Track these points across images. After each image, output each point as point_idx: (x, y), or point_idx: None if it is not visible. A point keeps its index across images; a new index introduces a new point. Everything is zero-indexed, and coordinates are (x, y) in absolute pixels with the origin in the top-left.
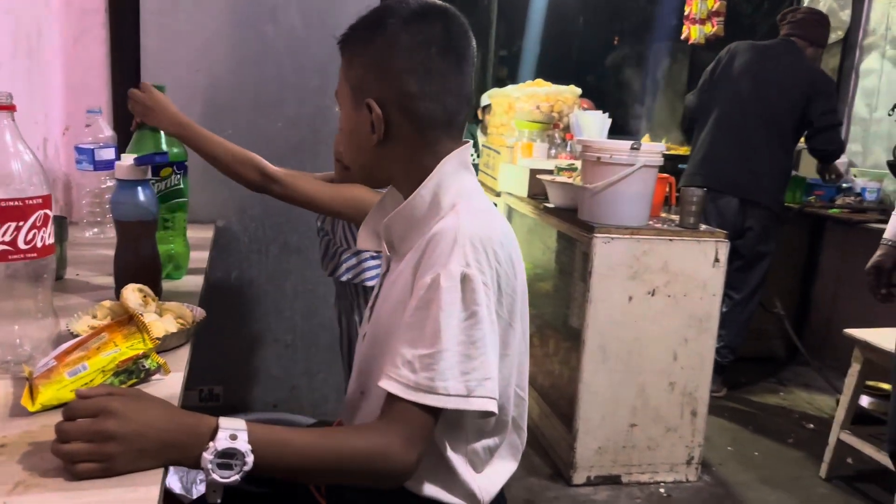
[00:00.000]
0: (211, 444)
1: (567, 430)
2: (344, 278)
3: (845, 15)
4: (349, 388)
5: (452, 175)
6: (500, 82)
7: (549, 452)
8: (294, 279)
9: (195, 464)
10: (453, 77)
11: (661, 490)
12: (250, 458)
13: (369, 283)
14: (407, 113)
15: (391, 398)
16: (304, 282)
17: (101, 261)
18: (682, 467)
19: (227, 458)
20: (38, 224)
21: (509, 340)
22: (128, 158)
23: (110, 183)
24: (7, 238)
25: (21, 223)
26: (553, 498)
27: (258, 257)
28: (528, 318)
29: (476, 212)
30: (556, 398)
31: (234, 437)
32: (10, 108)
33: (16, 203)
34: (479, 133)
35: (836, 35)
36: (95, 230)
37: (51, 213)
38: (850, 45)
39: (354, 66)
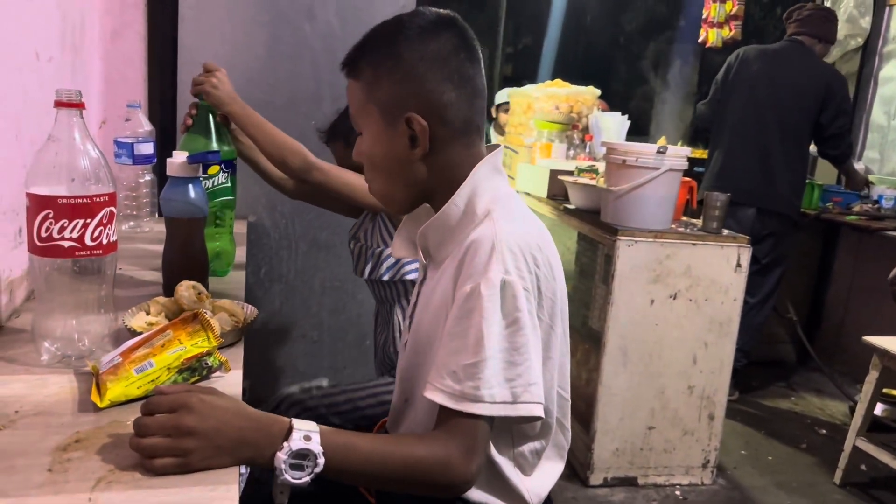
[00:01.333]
0: (285, 444)
1: (585, 432)
2: (385, 277)
3: (865, 22)
4: (394, 396)
5: (486, 180)
6: (507, 80)
7: None
8: (322, 275)
9: (268, 463)
10: (479, 80)
11: (678, 493)
12: (322, 461)
13: (409, 277)
14: (446, 121)
15: (443, 409)
16: (331, 278)
17: (141, 255)
18: (698, 470)
19: (301, 458)
20: (104, 221)
21: (551, 343)
22: (179, 155)
23: (148, 177)
24: (75, 235)
25: (89, 220)
26: (570, 499)
27: (287, 253)
28: (568, 318)
29: (512, 217)
30: (574, 399)
31: (307, 439)
32: (79, 106)
33: (84, 200)
34: (492, 131)
35: (855, 42)
36: (132, 223)
37: (115, 211)
38: (870, 53)
39: (382, 86)
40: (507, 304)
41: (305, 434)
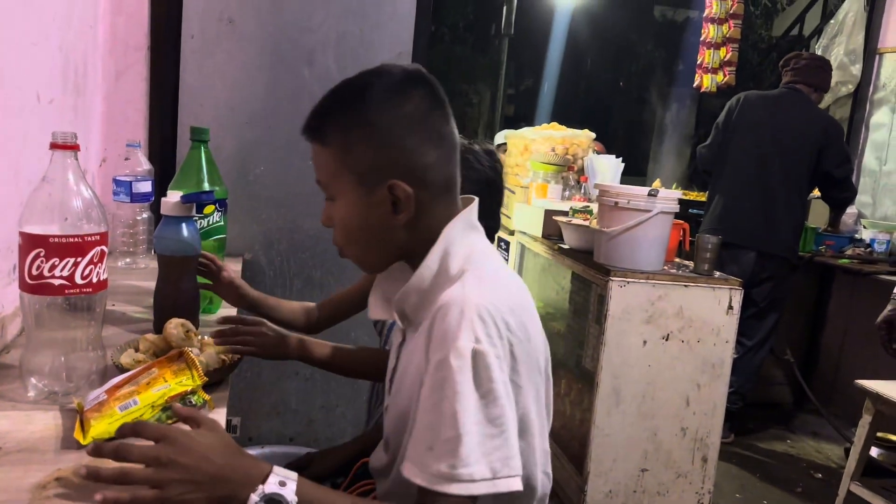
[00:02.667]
0: (260, 486)
1: (578, 472)
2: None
3: (856, 69)
4: (377, 455)
5: (460, 238)
6: (508, 120)
7: (558, 493)
8: None
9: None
10: (454, 134)
11: None
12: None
13: None
14: (428, 184)
15: (422, 488)
16: None
17: (135, 291)
18: None
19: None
20: (94, 260)
21: (529, 404)
22: (174, 195)
23: (145, 215)
24: (65, 273)
25: (79, 259)
26: None
27: (282, 291)
28: (551, 380)
29: (483, 279)
30: (567, 439)
31: (283, 484)
32: (74, 148)
33: (75, 240)
34: None
35: (846, 89)
36: (128, 260)
37: (107, 249)
38: (861, 99)
39: (356, 152)
40: (479, 375)
41: (281, 480)
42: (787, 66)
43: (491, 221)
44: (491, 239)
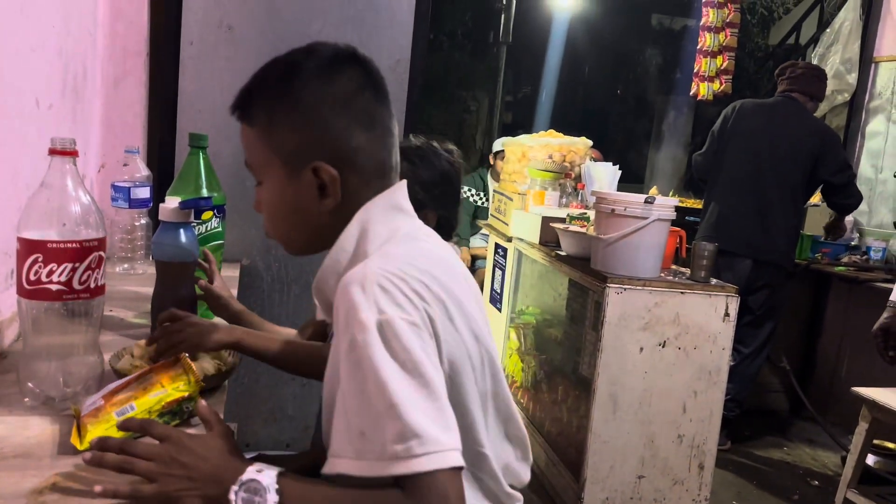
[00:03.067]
0: (239, 478)
1: (574, 479)
2: None
3: (852, 78)
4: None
5: (380, 219)
6: (506, 127)
7: (555, 501)
8: None
9: (226, 499)
10: (388, 117)
11: None
12: (272, 497)
13: None
14: (357, 167)
15: (373, 480)
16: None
17: (133, 297)
18: None
19: (252, 493)
20: (92, 266)
21: (459, 401)
22: (172, 201)
23: (143, 221)
24: (63, 278)
25: (77, 264)
26: None
27: (280, 296)
28: (497, 372)
29: (394, 254)
30: (564, 446)
31: (259, 471)
32: (73, 154)
33: (73, 245)
34: (489, 178)
35: (842, 97)
36: (126, 266)
37: (105, 255)
38: (857, 108)
39: (280, 132)
40: (391, 345)
41: (259, 468)
42: (783, 74)
43: (446, 212)
44: (449, 233)
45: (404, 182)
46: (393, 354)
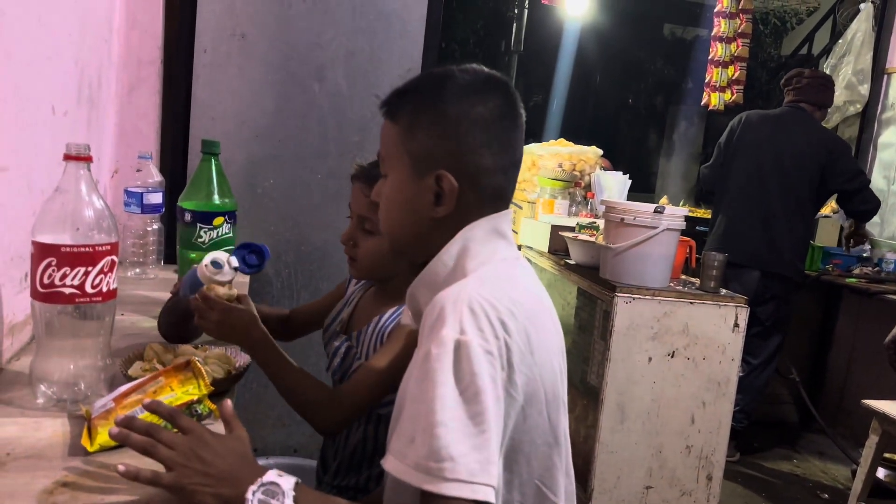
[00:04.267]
0: (259, 478)
1: (582, 490)
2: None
3: (864, 89)
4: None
5: (481, 241)
6: None
7: None
8: None
9: (241, 500)
10: (519, 149)
11: None
12: (289, 501)
13: None
14: (477, 186)
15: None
16: None
17: (144, 301)
18: None
19: (270, 496)
20: (105, 270)
21: (526, 428)
22: (219, 255)
23: (155, 226)
24: (76, 282)
25: (90, 268)
26: None
27: (289, 303)
28: (565, 409)
29: (491, 279)
30: (571, 456)
31: (280, 475)
32: (87, 160)
33: (86, 249)
34: None
35: (854, 108)
36: (138, 270)
37: (117, 259)
38: (869, 119)
39: (418, 137)
40: (460, 366)
41: (280, 473)
42: (789, 84)
43: None
44: None
45: (510, 211)
46: (459, 375)
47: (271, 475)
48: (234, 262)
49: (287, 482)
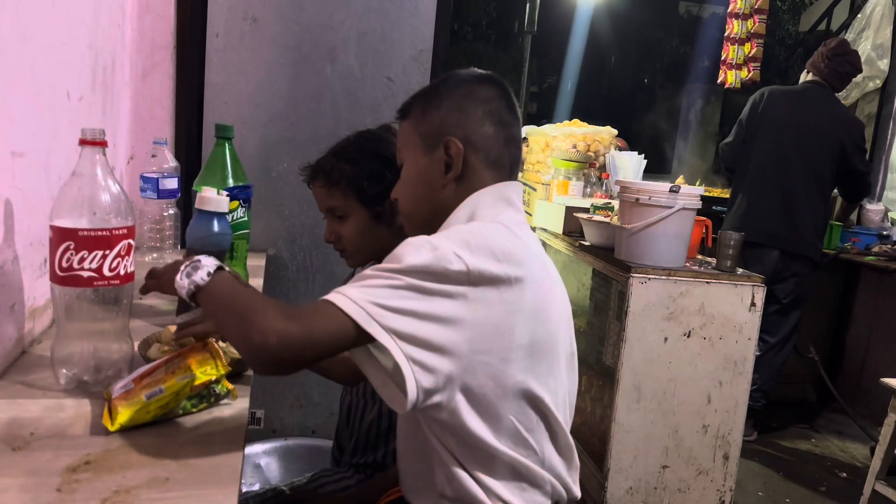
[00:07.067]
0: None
1: (598, 469)
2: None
3: (883, 64)
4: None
5: (489, 207)
6: (531, 117)
7: None
8: None
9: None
10: (515, 128)
11: None
12: (202, 275)
13: None
14: (479, 150)
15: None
16: None
17: None
18: None
19: (194, 269)
20: (122, 253)
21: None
22: (209, 190)
23: (171, 211)
24: (94, 265)
25: (107, 252)
26: None
27: (305, 286)
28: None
29: (490, 225)
30: (587, 436)
31: (208, 257)
32: (102, 144)
33: (103, 233)
34: None
35: (874, 84)
36: (155, 255)
37: (133, 243)
38: (889, 94)
39: (429, 117)
40: (435, 254)
41: (208, 258)
42: (813, 61)
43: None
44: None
45: (519, 183)
46: (434, 257)
47: (201, 256)
48: None
49: (210, 261)
